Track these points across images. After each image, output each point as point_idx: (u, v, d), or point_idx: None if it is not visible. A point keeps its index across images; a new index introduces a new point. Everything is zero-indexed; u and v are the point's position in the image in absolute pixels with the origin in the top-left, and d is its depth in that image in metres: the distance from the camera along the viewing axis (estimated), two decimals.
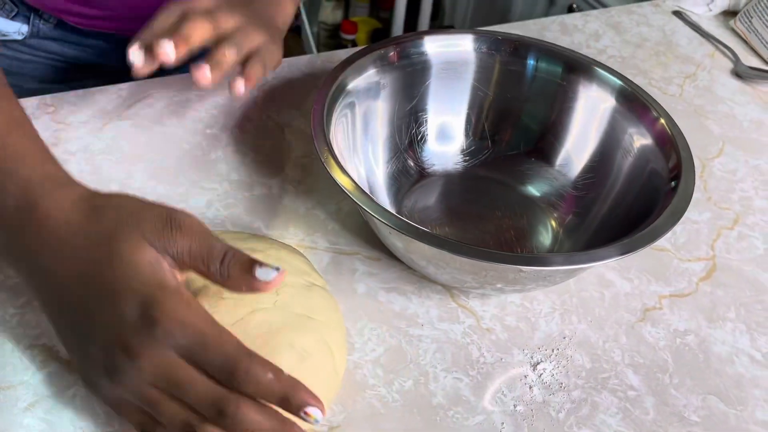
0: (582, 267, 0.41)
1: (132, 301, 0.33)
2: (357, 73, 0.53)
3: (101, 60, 0.73)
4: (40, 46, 0.70)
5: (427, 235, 0.40)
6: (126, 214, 0.35)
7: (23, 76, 0.72)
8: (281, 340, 0.38)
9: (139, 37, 0.49)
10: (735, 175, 0.62)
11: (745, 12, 0.82)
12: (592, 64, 0.55)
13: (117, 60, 0.73)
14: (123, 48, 0.71)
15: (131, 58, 0.48)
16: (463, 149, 0.59)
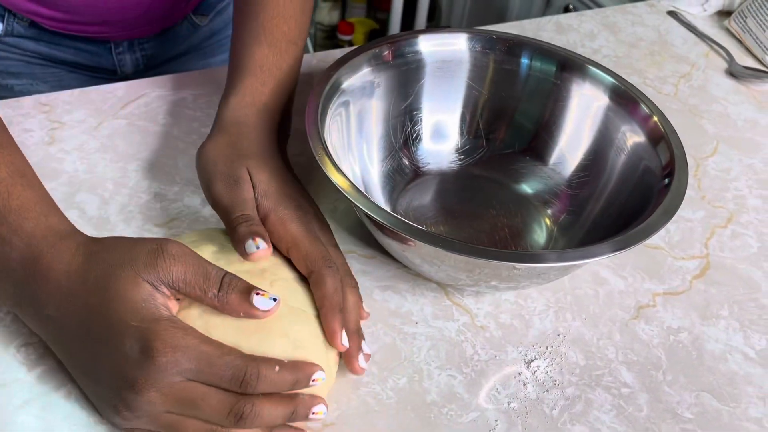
0: (575, 264, 0.41)
1: (131, 339, 0.34)
2: (351, 72, 0.53)
3: (76, 59, 0.73)
4: (15, 44, 0.70)
5: (421, 232, 0.41)
6: (119, 254, 0.37)
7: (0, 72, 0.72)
8: (275, 329, 0.38)
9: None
10: (729, 174, 0.63)
11: (740, 12, 0.82)
12: (585, 63, 0.55)
13: (91, 60, 0.73)
14: (95, 49, 0.72)
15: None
16: (458, 148, 0.59)
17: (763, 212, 0.59)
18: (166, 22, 0.73)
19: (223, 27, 0.80)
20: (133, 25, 0.70)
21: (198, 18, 0.77)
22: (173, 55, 0.78)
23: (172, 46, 0.77)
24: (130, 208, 0.52)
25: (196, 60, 0.80)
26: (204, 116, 0.61)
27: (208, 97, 0.64)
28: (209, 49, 0.81)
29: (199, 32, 0.78)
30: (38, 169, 0.54)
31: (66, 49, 0.72)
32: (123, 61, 0.75)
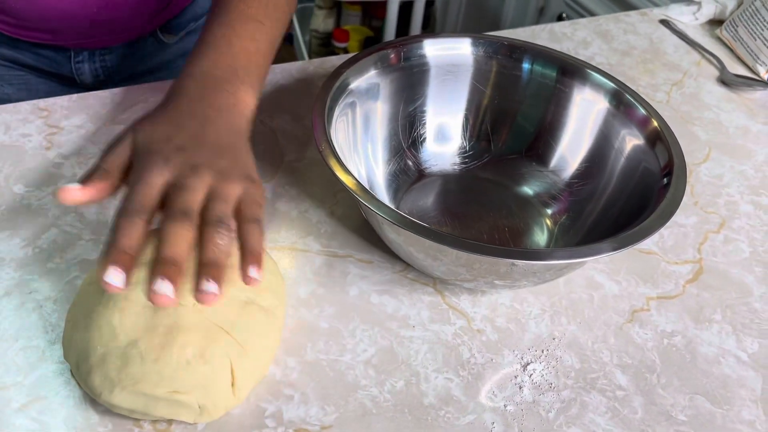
0: (568, 262, 0.42)
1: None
2: (359, 74, 0.54)
3: (37, 64, 0.72)
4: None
5: (427, 229, 0.41)
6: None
7: None
8: (179, 338, 0.38)
9: (116, 250, 0.37)
10: (721, 180, 0.63)
11: (731, 21, 0.83)
12: (585, 68, 0.56)
13: (50, 66, 0.72)
14: (54, 55, 0.70)
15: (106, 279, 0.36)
16: (461, 150, 0.60)
17: (754, 218, 0.60)
18: (126, 35, 0.72)
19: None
20: (86, 35, 0.69)
21: (165, 36, 0.76)
22: (141, 70, 0.77)
23: (137, 61, 0.76)
24: None
25: (168, 76, 0.77)
26: None
27: None
28: (180, 67, 0.79)
29: (169, 50, 0.77)
30: (36, 174, 0.55)
31: (26, 53, 0.71)
32: (81, 69, 0.73)
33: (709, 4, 0.86)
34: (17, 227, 0.50)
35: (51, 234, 0.50)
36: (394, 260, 0.52)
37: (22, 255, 0.49)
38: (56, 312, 0.45)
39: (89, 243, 0.50)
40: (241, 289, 0.42)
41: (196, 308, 0.40)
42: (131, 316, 0.39)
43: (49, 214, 0.52)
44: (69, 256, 0.49)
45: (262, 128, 0.62)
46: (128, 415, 0.40)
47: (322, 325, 0.47)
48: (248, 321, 0.41)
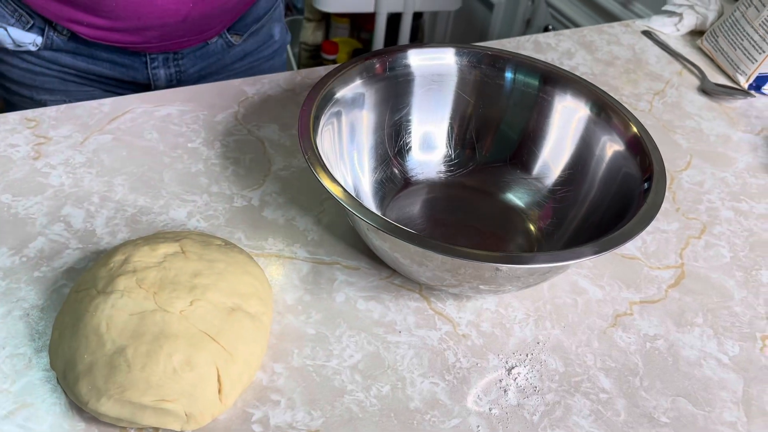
0: (549, 266, 0.43)
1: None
2: (344, 84, 0.54)
3: (112, 72, 0.75)
4: (52, 59, 0.72)
5: (411, 235, 0.42)
6: None
7: (35, 87, 0.74)
8: (165, 346, 0.39)
9: None
10: (702, 186, 0.64)
11: (712, 32, 0.85)
12: (566, 76, 0.57)
13: (126, 74, 0.75)
14: (131, 62, 0.74)
15: None
16: (447, 158, 0.61)
17: (735, 223, 0.61)
18: (202, 36, 0.75)
19: (254, 49, 0.82)
20: (171, 35, 0.71)
21: (233, 36, 0.78)
22: (207, 72, 0.80)
23: (205, 64, 0.78)
24: (116, 221, 0.53)
25: (226, 80, 0.81)
26: (189, 131, 0.62)
27: (193, 113, 0.64)
28: (240, 70, 0.82)
29: (231, 51, 0.80)
30: (23, 184, 0.55)
31: (102, 63, 0.73)
32: (157, 75, 0.76)
33: (690, 15, 0.88)
34: (4, 236, 0.51)
35: (38, 243, 0.50)
36: (381, 266, 0.53)
37: (9, 264, 0.49)
38: (43, 320, 0.45)
39: (76, 252, 0.50)
40: (228, 296, 0.42)
41: (183, 315, 0.40)
42: (118, 324, 0.39)
43: (37, 224, 0.52)
44: (56, 264, 0.49)
45: (249, 138, 0.63)
46: (115, 423, 0.40)
47: (309, 331, 0.47)
48: (235, 327, 0.41)
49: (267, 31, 0.82)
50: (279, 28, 0.85)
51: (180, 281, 0.42)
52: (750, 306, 0.53)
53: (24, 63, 0.72)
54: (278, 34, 0.85)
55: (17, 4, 0.68)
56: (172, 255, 0.43)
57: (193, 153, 0.60)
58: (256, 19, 0.80)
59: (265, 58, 0.84)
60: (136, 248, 0.44)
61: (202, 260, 0.44)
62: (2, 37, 0.69)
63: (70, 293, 0.43)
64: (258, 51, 0.83)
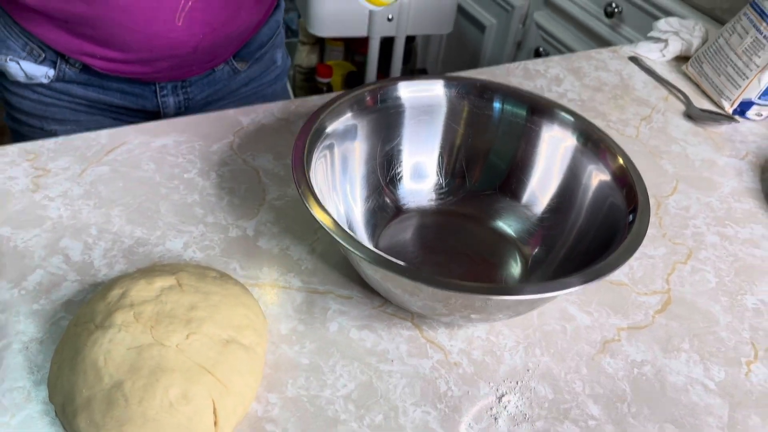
0: (536, 297, 0.44)
1: None
2: (335, 117, 0.55)
3: (122, 102, 0.76)
4: (64, 90, 0.73)
5: (403, 268, 0.43)
6: None
7: (45, 118, 0.76)
8: (162, 379, 0.39)
9: None
10: (688, 212, 0.66)
11: (696, 57, 0.87)
12: (553, 106, 0.59)
13: (136, 102, 0.77)
14: (141, 91, 0.76)
15: None
16: (437, 187, 0.62)
17: (720, 248, 0.62)
18: (210, 64, 0.77)
19: (259, 74, 0.84)
20: (181, 65, 0.73)
21: (238, 63, 0.81)
22: (214, 99, 0.82)
23: (211, 90, 0.81)
24: (113, 252, 0.54)
25: (232, 106, 0.84)
26: (185, 162, 0.64)
27: (189, 143, 0.66)
28: (245, 95, 0.85)
29: (237, 78, 0.82)
30: (22, 216, 0.56)
31: (113, 93, 0.75)
32: (166, 103, 0.78)
33: (676, 42, 0.90)
34: (4, 269, 0.51)
35: (37, 275, 0.51)
36: (373, 295, 0.54)
37: (8, 297, 0.50)
38: (42, 353, 0.46)
39: (74, 284, 0.51)
40: (223, 328, 0.43)
41: (179, 349, 0.41)
42: (116, 359, 0.40)
43: (35, 256, 0.53)
44: (54, 297, 0.50)
45: (244, 167, 0.64)
46: None
47: (303, 361, 0.48)
48: (230, 360, 0.42)
49: (270, 56, 0.85)
50: (281, 54, 0.87)
51: (176, 315, 0.43)
52: (735, 331, 0.54)
53: (35, 95, 0.73)
54: (280, 60, 0.87)
55: (29, 38, 0.69)
56: (168, 288, 0.44)
57: (189, 183, 0.61)
58: (260, 45, 0.82)
59: (268, 83, 0.87)
60: (134, 282, 0.45)
61: (198, 293, 0.45)
62: (15, 71, 0.71)
63: (69, 327, 0.44)
64: (262, 76, 0.85)
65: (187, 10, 0.66)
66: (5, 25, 0.70)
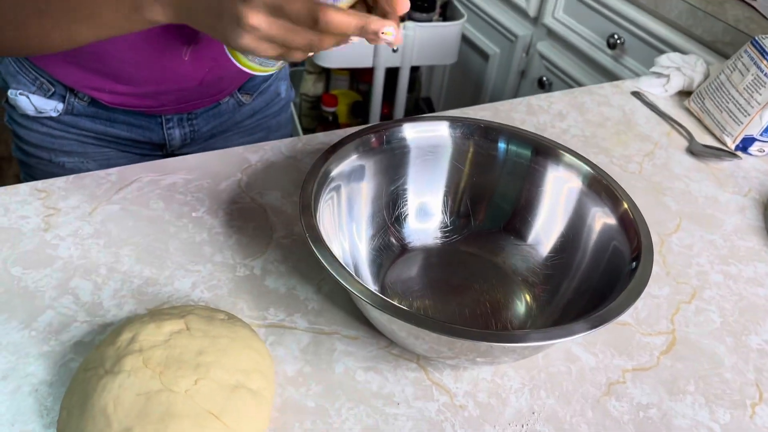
0: (540, 344, 0.44)
1: None
2: (340, 160, 0.56)
3: (129, 134, 0.78)
4: (72, 123, 0.75)
5: (408, 313, 0.43)
6: None
7: (53, 150, 0.77)
8: (171, 426, 0.40)
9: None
10: (692, 249, 0.66)
11: (698, 93, 0.88)
12: (557, 148, 0.59)
13: (142, 135, 0.79)
14: (147, 123, 0.78)
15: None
16: (442, 226, 0.63)
17: (724, 287, 0.62)
18: (215, 97, 0.79)
19: (263, 106, 0.86)
20: (187, 98, 0.75)
21: (243, 96, 0.82)
22: (219, 131, 0.84)
23: (217, 122, 0.82)
24: (122, 292, 0.55)
25: (237, 137, 0.86)
26: (194, 200, 0.64)
27: (198, 181, 0.67)
28: (249, 127, 0.86)
29: (242, 110, 0.84)
30: (34, 256, 0.57)
31: (120, 125, 0.76)
32: (172, 135, 0.80)
33: (678, 77, 0.91)
34: (14, 310, 0.52)
35: (47, 316, 0.52)
36: (379, 336, 0.54)
37: (18, 338, 0.50)
38: (51, 395, 0.47)
39: (84, 325, 0.52)
40: (231, 373, 0.44)
41: (188, 395, 0.41)
42: (125, 405, 0.40)
43: (46, 296, 0.54)
44: (64, 338, 0.51)
45: (252, 205, 0.65)
46: None
47: (309, 404, 0.49)
48: (238, 405, 0.43)
49: (274, 89, 0.86)
50: (285, 86, 0.89)
51: (185, 359, 0.43)
52: (740, 372, 0.55)
53: (44, 128, 0.75)
54: (284, 92, 0.89)
55: (39, 72, 0.71)
56: (177, 332, 0.45)
57: (198, 222, 0.62)
58: (264, 78, 0.84)
59: (273, 114, 0.88)
60: (143, 326, 0.45)
61: (207, 337, 0.45)
62: (24, 105, 0.72)
63: (78, 371, 0.45)
64: (266, 108, 0.87)
65: (194, 46, 0.68)
66: (16, 60, 0.71)
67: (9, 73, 0.72)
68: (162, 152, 0.83)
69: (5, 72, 0.73)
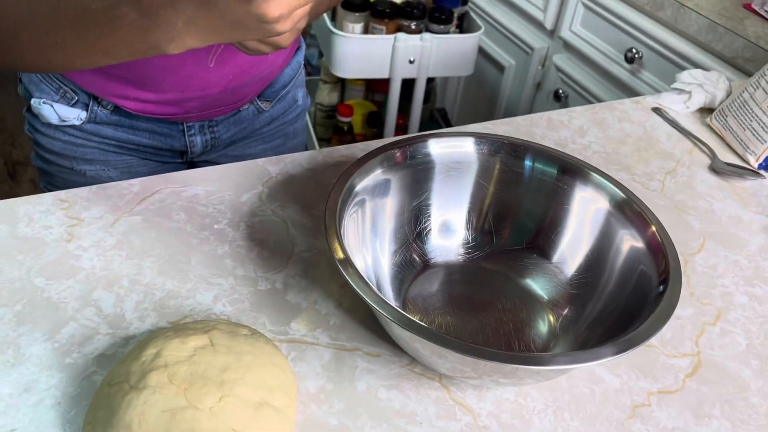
0: (569, 368, 0.44)
1: None
2: (365, 174, 0.56)
3: (151, 141, 0.78)
4: (94, 131, 0.75)
5: (433, 333, 0.43)
6: None
7: (75, 158, 0.77)
8: None
9: None
10: (716, 270, 0.66)
11: (721, 111, 0.87)
12: (585, 168, 0.59)
13: (164, 142, 0.79)
14: (169, 131, 0.78)
15: None
16: (465, 242, 0.63)
17: (749, 309, 0.61)
18: (237, 104, 0.79)
19: (281, 113, 0.87)
20: (210, 105, 0.75)
21: (263, 103, 0.83)
22: (238, 138, 0.84)
23: (237, 129, 0.83)
24: (144, 305, 0.55)
25: (255, 144, 0.86)
26: (216, 212, 0.64)
27: (220, 193, 0.67)
28: (267, 134, 0.87)
29: (261, 117, 0.84)
30: (57, 267, 0.57)
31: (142, 133, 0.77)
32: (194, 142, 0.80)
33: (699, 93, 0.90)
34: (38, 321, 0.52)
35: (70, 328, 0.52)
36: (401, 353, 0.54)
37: (41, 350, 0.50)
38: (74, 408, 0.47)
39: (106, 337, 0.52)
40: (255, 390, 0.44)
41: (212, 412, 0.41)
42: (150, 421, 0.40)
43: (69, 308, 0.54)
44: (86, 350, 0.51)
45: (273, 218, 0.65)
46: None
47: (332, 422, 0.48)
48: (261, 424, 0.42)
49: (292, 96, 0.87)
50: (302, 93, 0.90)
51: (209, 376, 0.43)
52: (766, 396, 0.54)
53: (66, 136, 0.75)
54: (301, 99, 0.90)
55: (61, 81, 0.71)
56: (201, 348, 0.45)
57: (220, 234, 0.62)
58: (284, 85, 0.84)
59: (290, 121, 0.89)
60: (167, 341, 0.45)
61: (231, 353, 0.45)
62: (48, 113, 0.73)
63: (102, 386, 0.45)
64: (284, 115, 0.87)
65: (220, 52, 0.68)
66: None
67: (32, 82, 0.73)
68: (182, 159, 0.83)
69: (28, 81, 0.73)
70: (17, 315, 0.53)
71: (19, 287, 0.55)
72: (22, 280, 0.55)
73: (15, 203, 0.62)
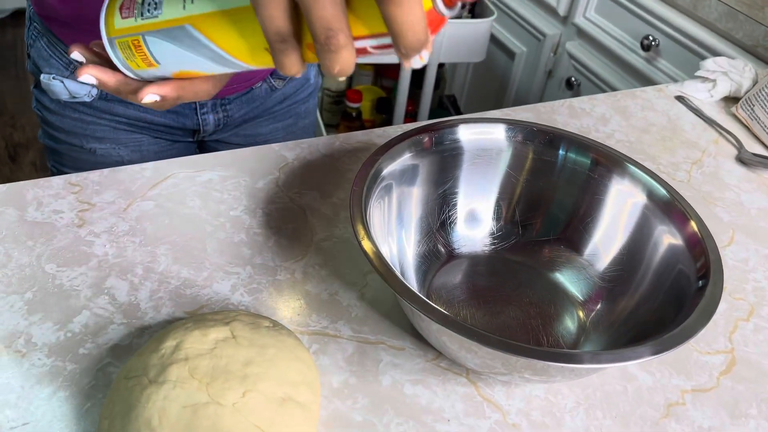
0: (609, 366, 0.42)
1: None
2: (392, 159, 0.54)
3: (164, 119, 0.76)
4: (105, 108, 0.73)
5: (463, 326, 0.41)
6: None
7: (85, 136, 0.75)
8: None
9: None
10: (747, 264, 0.64)
11: (747, 100, 0.85)
12: (622, 159, 0.56)
13: (176, 120, 0.77)
14: (182, 109, 0.76)
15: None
16: (491, 233, 0.60)
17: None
18: (249, 82, 0.77)
19: (293, 92, 0.85)
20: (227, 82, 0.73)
21: (276, 81, 0.81)
22: (251, 116, 0.82)
23: (249, 108, 0.81)
24: (159, 294, 0.53)
25: (267, 123, 0.84)
26: (231, 198, 0.62)
27: (235, 178, 0.64)
28: (279, 113, 0.85)
29: (273, 95, 0.82)
30: (68, 253, 0.55)
31: (154, 110, 0.74)
32: (206, 120, 0.78)
33: (724, 82, 0.88)
34: (50, 309, 0.50)
35: (83, 317, 0.50)
36: (426, 347, 0.52)
37: (54, 340, 0.48)
38: (89, 401, 0.45)
39: (121, 327, 0.50)
40: (279, 385, 0.42)
41: (235, 408, 0.39)
42: (171, 417, 0.38)
43: (81, 296, 0.51)
44: (101, 341, 0.49)
45: (291, 206, 0.63)
46: None
47: (356, 418, 0.46)
48: (285, 420, 0.40)
49: (304, 74, 0.85)
50: (314, 72, 0.88)
51: (232, 370, 0.41)
52: None
53: (76, 113, 0.73)
54: (313, 77, 0.88)
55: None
56: (222, 341, 0.43)
57: (236, 221, 0.60)
58: None
59: (302, 100, 0.87)
60: (187, 333, 0.43)
61: (253, 346, 0.43)
62: (59, 89, 0.70)
63: (119, 379, 0.43)
64: (296, 94, 0.86)
65: None
66: (49, 44, 0.69)
67: (41, 57, 0.70)
68: (193, 138, 0.81)
69: (37, 56, 0.71)
70: (28, 303, 0.50)
71: (30, 274, 0.53)
72: (32, 267, 0.53)
73: (23, 186, 0.60)
